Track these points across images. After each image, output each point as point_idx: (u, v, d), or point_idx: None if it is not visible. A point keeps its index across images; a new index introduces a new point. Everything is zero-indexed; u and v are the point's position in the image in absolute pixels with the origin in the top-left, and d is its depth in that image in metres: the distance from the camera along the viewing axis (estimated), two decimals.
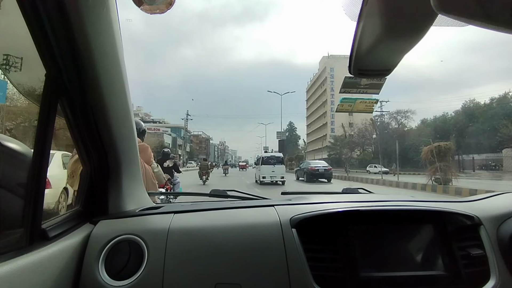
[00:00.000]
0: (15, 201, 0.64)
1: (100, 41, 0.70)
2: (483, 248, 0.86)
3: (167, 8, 0.65)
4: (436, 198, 1.14)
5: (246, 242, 0.82)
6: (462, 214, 0.90)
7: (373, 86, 22.24)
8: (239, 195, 1.24)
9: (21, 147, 0.68)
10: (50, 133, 0.66)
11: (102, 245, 0.79)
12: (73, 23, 0.62)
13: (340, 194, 1.37)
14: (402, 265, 0.84)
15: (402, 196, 1.17)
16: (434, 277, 0.83)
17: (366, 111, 24.33)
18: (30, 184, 0.64)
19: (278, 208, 0.93)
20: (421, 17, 0.45)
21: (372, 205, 0.94)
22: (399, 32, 0.48)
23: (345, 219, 0.88)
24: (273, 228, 0.84)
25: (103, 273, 0.76)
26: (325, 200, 1.03)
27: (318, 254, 0.82)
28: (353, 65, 0.56)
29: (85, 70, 0.70)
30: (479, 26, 0.33)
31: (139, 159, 1.01)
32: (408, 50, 0.53)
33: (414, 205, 0.94)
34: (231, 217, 0.91)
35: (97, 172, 0.87)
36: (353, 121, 46.69)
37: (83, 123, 0.78)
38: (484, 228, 0.89)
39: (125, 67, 0.80)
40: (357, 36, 0.51)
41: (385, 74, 0.61)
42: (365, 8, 0.47)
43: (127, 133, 0.90)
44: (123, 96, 0.83)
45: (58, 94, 0.69)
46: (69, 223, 0.79)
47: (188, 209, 0.95)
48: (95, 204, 0.89)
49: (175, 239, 0.81)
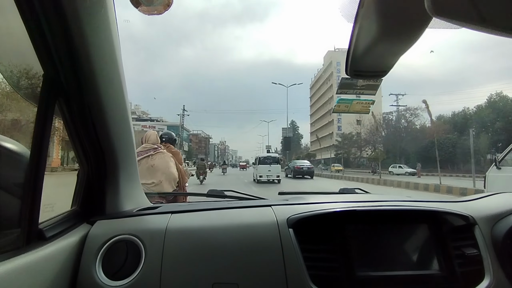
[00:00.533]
0: (12, 201, 0.64)
1: (98, 42, 0.70)
2: (477, 247, 0.87)
3: (165, 9, 0.66)
4: (432, 198, 1.15)
5: (244, 242, 0.82)
6: (457, 214, 0.91)
7: (369, 87, 22.48)
8: (237, 195, 1.25)
9: (18, 147, 0.68)
10: (47, 133, 0.66)
11: (100, 245, 0.79)
12: (70, 24, 0.62)
13: (337, 194, 1.38)
14: (398, 265, 0.85)
15: (398, 196, 1.18)
16: (429, 276, 0.84)
17: (362, 111, 24.46)
18: (27, 184, 0.64)
19: (275, 208, 0.93)
20: (416, 19, 0.46)
21: (369, 205, 0.95)
22: (394, 34, 0.49)
23: (342, 219, 0.89)
24: (270, 228, 0.85)
25: (101, 273, 0.76)
26: (322, 200, 1.03)
27: (315, 254, 0.82)
28: (349, 66, 0.57)
29: (83, 70, 0.70)
30: (473, 29, 0.34)
31: (136, 159, 1.01)
32: (404, 52, 0.54)
33: (410, 205, 0.95)
34: (228, 217, 0.91)
35: (95, 172, 0.87)
36: (361, 118, 42.96)
37: (80, 124, 0.78)
38: (479, 228, 0.90)
39: (123, 67, 0.80)
40: (353, 38, 0.52)
41: (381, 75, 0.62)
42: (361, 10, 0.48)
43: (125, 133, 0.90)
44: (121, 97, 0.83)
45: (55, 94, 0.69)
46: (66, 223, 0.79)
47: (186, 209, 0.95)
48: (92, 204, 0.89)
49: (172, 239, 0.81)
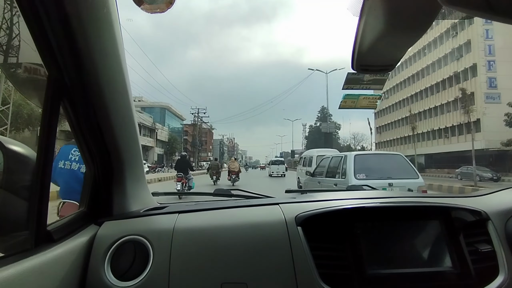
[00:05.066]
0: (20, 204, 0.64)
1: (101, 42, 0.70)
2: (491, 243, 0.85)
3: (167, 7, 0.65)
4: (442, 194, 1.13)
5: (252, 241, 0.81)
6: (469, 210, 0.89)
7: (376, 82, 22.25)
8: (243, 194, 1.24)
9: (25, 150, 0.68)
10: (53, 134, 0.66)
11: (108, 246, 0.80)
12: (73, 24, 0.61)
13: (344, 191, 1.37)
14: (409, 262, 0.83)
15: (407, 192, 1.16)
16: (442, 273, 0.82)
17: (369, 107, 24.22)
18: (35, 186, 0.65)
19: (283, 206, 0.92)
20: (424, 10, 0.44)
21: (377, 202, 0.93)
22: (402, 26, 0.47)
23: (350, 216, 0.87)
24: (278, 226, 0.84)
25: (109, 274, 0.77)
26: (330, 198, 1.02)
27: (324, 252, 0.81)
28: (355, 61, 0.56)
29: (87, 71, 0.70)
30: (484, 17, 0.32)
31: (142, 159, 1.01)
32: (411, 45, 0.52)
33: (420, 201, 0.94)
34: (235, 216, 0.91)
35: (101, 173, 0.87)
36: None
37: (85, 124, 0.78)
38: (492, 223, 0.88)
39: (127, 67, 0.80)
40: (359, 32, 0.50)
41: (388, 70, 0.60)
42: (367, 3, 0.47)
43: (130, 133, 0.90)
44: (125, 97, 0.83)
45: (60, 95, 0.69)
46: (74, 224, 0.79)
47: (193, 209, 0.95)
48: (99, 205, 0.89)
49: (180, 239, 0.81)
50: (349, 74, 23.10)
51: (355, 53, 0.54)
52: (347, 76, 22.92)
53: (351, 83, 23.65)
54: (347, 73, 24.64)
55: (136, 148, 0.94)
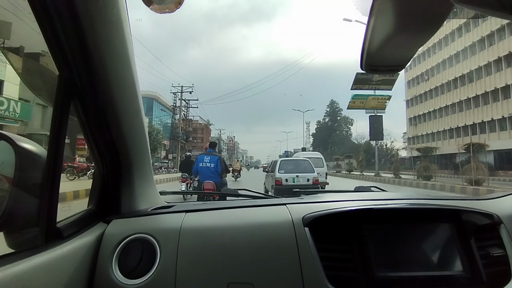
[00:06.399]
0: (30, 201, 0.66)
1: (111, 42, 0.70)
2: (503, 247, 0.83)
3: (176, 7, 0.65)
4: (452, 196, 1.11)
5: (258, 241, 0.81)
6: (480, 213, 0.87)
7: (385, 82, 22.09)
8: (250, 194, 1.24)
9: (36, 148, 0.69)
10: (63, 133, 0.67)
11: (115, 244, 0.80)
12: (84, 24, 0.62)
13: (352, 193, 1.35)
14: (419, 265, 0.82)
15: (416, 194, 1.14)
16: (452, 277, 0.80)
17: (378, 107, 23.96)
18: (45, 183, 0.66)
19: (290, 207, 0.92)
20: (436, 10, 0.43)
21: (386, 204, 0.92)
22: (412, 26, 0.46)
23: (358, 218, 0.86)
24: (285, 227, 0.83)
25: (117, 272, 0.77)
26: (337, 199, 1.01)
27: (332, 254, 0.81)
28: (364, 61, 0.55)
29: (97, 70, 0.71)
30: (497, 16, 0.32)
31: (150, 158, 1.02)
32: (421, 45, 0.51)
33: (430, 204, 0.92)
34: (243, 216, 0.91)
35: (110, 171, 0.88)
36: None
37: (95, 124, 0.79)
38: (504, 227, 0.85)
39: (136, 67, 0.81)
40: (368, 31, 0.50)
41: (398, 70, 0.59)
42: (377, 2, 0.46)
43: (139, 133, 0.91)
44: (134, 96, 0.83)
45: (70, 95, 0.70)
46: (83, 222, 0.80)
47: (200, 208, 0.95)
48: (108, 203, 0.90)
49: (187, 238, 0.82)
50: (358, 74, 22.94)
51: (364, 53, 0.53)
52: (356, 76, 22.73)
53: (360, 84, 23.44)
54: (356, 73, 24.46)
55: (144, 147, 0.95)
